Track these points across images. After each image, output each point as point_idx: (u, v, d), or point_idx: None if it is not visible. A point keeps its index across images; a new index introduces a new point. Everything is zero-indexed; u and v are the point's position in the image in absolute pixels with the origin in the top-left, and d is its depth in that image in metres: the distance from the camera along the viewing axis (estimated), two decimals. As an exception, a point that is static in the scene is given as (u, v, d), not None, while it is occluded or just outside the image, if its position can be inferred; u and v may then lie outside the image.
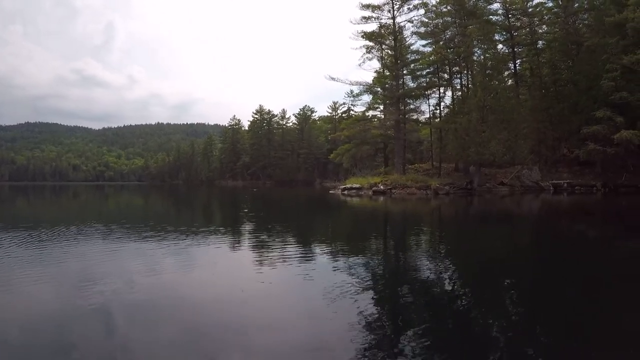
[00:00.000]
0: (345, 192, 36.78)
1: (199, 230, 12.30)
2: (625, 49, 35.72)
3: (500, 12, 47.43)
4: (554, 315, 4.79)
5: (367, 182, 38.54)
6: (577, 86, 40.50)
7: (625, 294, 5.85)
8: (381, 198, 30.21)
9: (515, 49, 48.17)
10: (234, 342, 4.02)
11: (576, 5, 45.52)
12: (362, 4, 42.91)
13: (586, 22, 45.28)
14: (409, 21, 45.06)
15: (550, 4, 46.85)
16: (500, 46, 47.14)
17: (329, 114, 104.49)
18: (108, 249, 8.98)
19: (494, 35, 44.56)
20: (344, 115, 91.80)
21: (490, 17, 46.01)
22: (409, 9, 43.57)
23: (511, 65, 48.26)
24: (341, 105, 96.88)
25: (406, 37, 46.94)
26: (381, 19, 43.91)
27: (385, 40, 44.66)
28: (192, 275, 6.77)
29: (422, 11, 44.81)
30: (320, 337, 4.18)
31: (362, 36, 43.84)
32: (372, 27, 46.66)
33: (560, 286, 6.06)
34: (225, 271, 7.19)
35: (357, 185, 37.68)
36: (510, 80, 46.97)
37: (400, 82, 45.52)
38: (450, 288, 6.17)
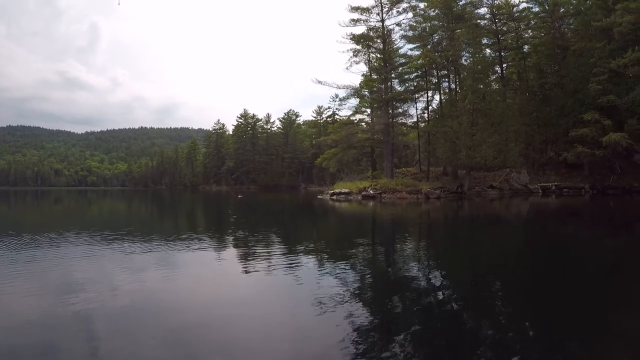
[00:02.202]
0: (334, 197, 36.35)
1: (183, 237, 11.81)
2: (612, 52, 36.24)
3: (487, 16, 47.72)
4: (544, 316, 4.82)
5: (356, 186, 38.15)
6: (564, 90, 40.84)
7: (616, 292, 5.96)
8: (371, 203, 29.83)
9: (502, 53, 48.45)
10: (219, 349, 3.88)
11: (562, 10, 46.01)
12: (351, 7, 42.79)
13: (572, 26, 45.82)
14: (397, 24, 45.06)
15: (537, 9, 47.34)
16: (488, 51, 47.37)
17: (314, 119, 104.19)
18: (90, 256, 8.59)
19: (482, 39, 44.75)
20: (328, 119, 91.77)
21: (478, 21, 46.21)
22: (398, 12, 43.56)
23: (498, 69, 48.53)
24: (326, 109, 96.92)
25: (394, 41, 46.89)
26: (370, 21, 43.83)
27: (374, 43, 44.52)
28: (176, 282, 6.52)
29: (410, 15, 44.76)
30: (307, 343, 4.07)
31: (351, 38, 43.72)
32: (360, 29, 46.60)
33: (551, 286, 6.16)
34: (211, 278, 6.96)
35: (346, 190, 37.20)
36: (496, 85, 47.04)
37: (389, 84, 45.37)
38: (442, 292, 6.04)
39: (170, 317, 4.74)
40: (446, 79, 47.10)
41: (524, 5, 47.60)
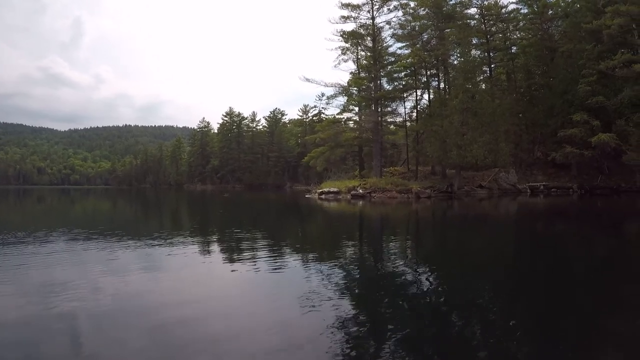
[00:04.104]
0: (323, 196, 35.88)
1: (168, 237, 11.40)
2: (601, 54, 36.48)
3: (476, 16, 47.80)
4: (533, 316, 4.81)
5: (344, 185, 37.72)
6: (553, 90, 41.13)
7: (605, 291, 5.97)
8: (360, 202, 29.47)
9: (491, 54, 48.61)
10: (203, 349, 3.75)
11: (550, 12, 46.32)
12: (341, 3, 42.52)
13: (560, 28, 46.16)
14: (387, 23, 44.87)
15: (526, 11, 47.60)
16: (478, 52, 47.59)
17: (300, 117, 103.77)
18: (73, 255, 8.28)
19: (472, 39, 44.84)
20: (314, 118, 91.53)
21: (468, 21, 46.31)
22: (388, 9, 43.46)
23: (486, 69, 48.68)
24: (312, 108, 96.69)
25: (384, 39, 46.73)
26: (360, 19, 43.66)
27: (363, 40, 44.28)
28: (160, 282, 6.36)
29: (400, 13, 44.68)
30: (292, 343, 3.93)
31: (341, 35, 43.43)
32: (350, 27, 46.22)
33: (541, 286, 6.21)
34: (195, 277, 6.77)
35: (335, 189, 36.72)
36: (484, 85, 47.10)
37: (378, 83, 45.15)
38: (430, 291, 5.93)
39: (154, 319, 4.58)
40: (435, 78, 47.04)
41: (513, 6, 48.05)
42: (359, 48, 45.99)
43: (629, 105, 34.85)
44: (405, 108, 50.60)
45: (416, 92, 47.97)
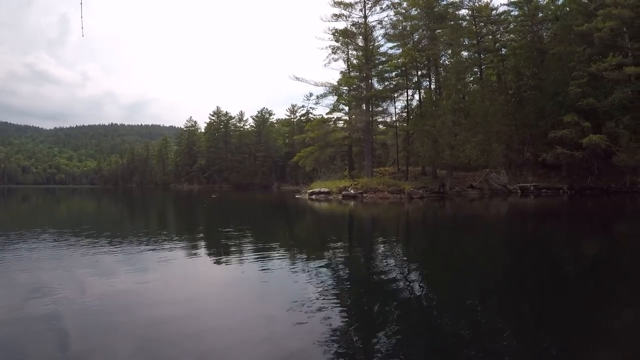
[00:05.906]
0: (313, 196, 35.58)
1: (156, 238, 11.21)
2: (592, 57, 36.79)
3: (468, 18, 47.93)
4: (524, 315, 4.87)
5: (335, 185, 37.34)
6: (543, 92, 41.37)
7: (597, 291, 6.03)
8: (352, 203, 29.28)
9: (481, 55, 48.82)
10: (191, 351, 3.69)
11: (540, 14, 46.62)
12: (334, 1, 42.25)
13: (550, 31, 46.56)
14: (379, 22, 44.80)
15: (516, 13, 47.84)
16: (467, 52, 47.75)
17: (288, 117, 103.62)
18: (59, 256, 8.13)
19: (464, 40, 44.95)
20: (302, 118, 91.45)
21: (459, 22, 46.45)
22: (381, 8, 43.47)
23: (477, 70, 48.89)
24: (300, 108, 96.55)
25: (376, 38, 46.63)
26: (352, 17, 43.56)
27: (355, 39, 44.14)
28: (147, 284, 6.27)
29: (392, 12, 44.66)
30: (282, 345, 3.89)
31: (334, 33, 43.21)
32: (342, 25, 45.94)
33: (533, 286, 6.26)
34: (183, 278, 6.75)
35: (326, 190, 36.36)
36: (474, 85, 47.22)
37: (369, 82, 45.03)
38: (422, 292, 5.98)
39: (141, 321, 4.54)
40: (426, 79, 47.06)
41: (504, 8, 48.23)
42: (350, 47, 45.78)
43: (619, 107, 35.21)
44: (395, 108, 50.63)
45: (407, 92, 48.04)
